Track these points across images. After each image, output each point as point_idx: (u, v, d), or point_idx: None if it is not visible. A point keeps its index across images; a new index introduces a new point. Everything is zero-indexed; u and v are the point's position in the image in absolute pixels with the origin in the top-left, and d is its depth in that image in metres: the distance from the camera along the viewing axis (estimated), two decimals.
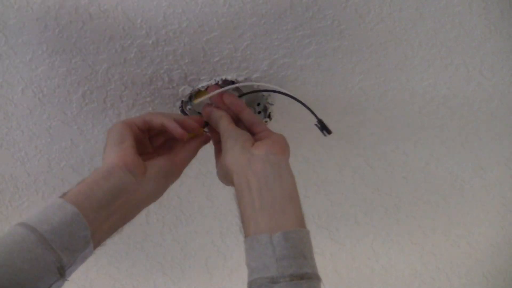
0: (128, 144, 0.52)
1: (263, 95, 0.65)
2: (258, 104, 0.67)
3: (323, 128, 0.59)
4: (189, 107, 0.65)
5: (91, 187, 0.48)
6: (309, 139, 0.74)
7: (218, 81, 0.62)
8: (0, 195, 0.74)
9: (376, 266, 0.98)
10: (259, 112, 0.67)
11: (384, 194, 0.84)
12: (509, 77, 0.67)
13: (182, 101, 0.65)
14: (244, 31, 0.58)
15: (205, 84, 0.63)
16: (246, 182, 0.50)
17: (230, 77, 0.63)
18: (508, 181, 0.84)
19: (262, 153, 0.52)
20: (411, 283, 1.02)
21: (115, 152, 0.51)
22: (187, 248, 0.88)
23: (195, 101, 0.65)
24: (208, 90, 0.62)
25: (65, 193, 0.48)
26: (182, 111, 0.66)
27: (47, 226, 0.44)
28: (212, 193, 0.80)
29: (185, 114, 0.67)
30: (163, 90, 0.64)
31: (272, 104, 0.67)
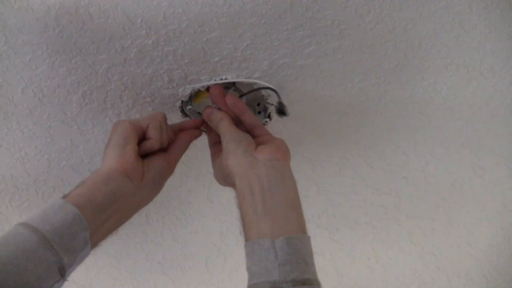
0: (130, 148, 0.53)
1: (263, 95, 0.65)
2: (258, 104, 0.67)
3: (280, 112, 0.59)
4: (189, 107, 0.66)
5: (92, 190, 0.49)
6: (309, 139, 0.74)
7: (218, 81, 0.62)
8: (0, 195, 0.74)
9: (376, 266, 0.98)
10: (259, 112, 0.67)
11: (384, 194, 0.84)
12: (509, 77, 0.67)
13: (182, 101, 0.65)
14: (244, 31, 0.58)
15: (205, 84, 0.63)
16: (249, 186, 0.50)
17: (230, 77, 0.63)
18: (508, 181, 0.84)
19: (266, 158, 0.52)
20: (411, 283, 1.02)
21: (117, 156, 0.52)
22: (187, 248, 0.88)
23: (195, 101, 0.65)
24: (211, 91, 0.62)
25: (66, 195, 0.48)
26: (182, 111, 0.66)
27: (49, 227, 0.44)
28: (212, 193, 0.80)
29: (185, 114, 0.67)
30: (163, 90, 0.64)
31: (272, 104, 0.67)
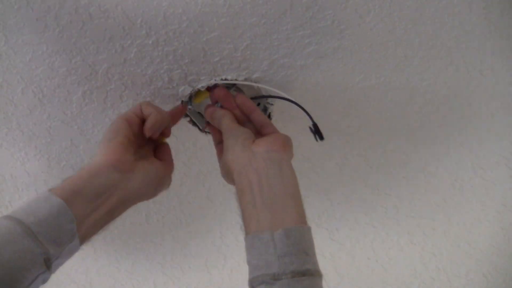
0: (118, 140, 0.52)
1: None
2: (258, 104, 0.67)
3: (316, 133, 0.59)
4: (189, 107, 0.66)
5: (77, 183, 0.48)
6: (309, 139, 0.74)
7: (218, 82, 0.62)
8: (0, 195, 0.74)
9: (376, 266, 0.98)
10: None
11: (384, 194, 0.84)
12: (509, 77, 0.67)
13: (182, 101, 0.65)
14: (244, 31, 0.58)
15: (205, 84, 0.63)
16: (247, 180, 0.50)
17: (230, 77, 0.63)
18: (508, 181, 0.84)
19: (263, 150, 0.52)
20: (411, 283, 1.02)
21: (104, 150, 0.51)
22: (187, 248, 0.88)
23: (195, 101, 0.65)
24: (215, 92, 0.62)
25: (51, 188, 0.47)
26: None
27: (33, 218, 0.43)
28: (212, 193, 0.80)
29: (185, 114, 0.67)
30: (163, 90, 0.64)
31: (272, 104, 0.67)
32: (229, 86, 0.64)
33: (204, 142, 0.72)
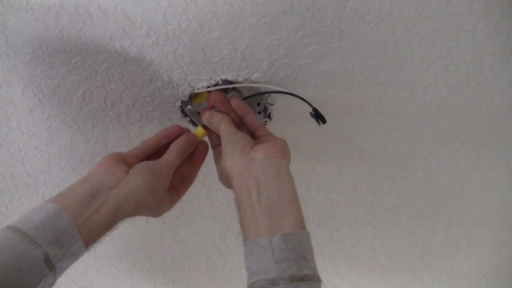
0: (107, 156, 0.55)
1: (263, 95, 0.65)
2: (258, 104, 0.67)
3: (318, 117, 0.59)
4: (189, 107, 0.66)
5: (70, 189, 0.50)
6: (309, 139, 0.74)
7: (218, 81, 0.62)
8: (0, 195, 0.74)
9: (376, 266, 0.98)
10: (259, 112, 0.68)
11: (384, 194, 0.84)
12: (509, 77, 0.67)
13: (182, 101, 0.65)
14: (244, 31, 0.58)
15: (205, 84, 0.63)
16: (246, 187, 0.51)
17: (230, 77, 0.63)
18: (508, 181, 0.84)
19: (261, 157, 0.52)
20: (411, 283, 1.02)
21: (97, 164, 0.55)
22: (187, 248, 0.88)
23: (195, 101, 0.65)
24: (211, 97, 0.62)
25: (47, 199, 0.49)
26: (182, 111, 0.66)
27: (30, 224, 0.45)
28: (212, 193, 0.80)
29: (185, 114, 0.67)
30: (163, 90, 0.64)
31: (272, 104, 0.67)
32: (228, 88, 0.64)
33: None
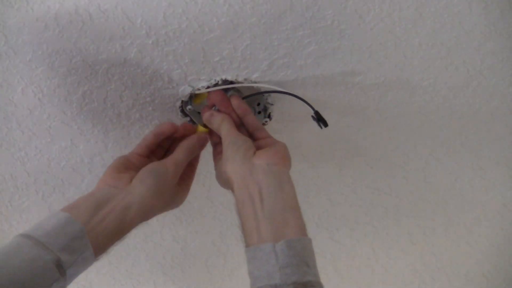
0: (108, 169, 0.56)
1: (263, 95, 0.65)
2: (258, 104, 0.67)
3: (319, 120, 0.59)
4: (189, 107, 0.66)
5: (76, 202, 0.52)
6: (309, 139, 0.74)
7: (218, 81, 0.62)
8: (0, 195, 0.74)
9: (376, 266, 0.98)
10: (259, 112, 0.68)
11: (384, 194, 0.84)
12: (509, 77, 0.67)
13: (182, 101, 0.65)
14: (244, 31, 0.58)
15: (205, 84, 0.63)
16: (248, 193, 0.51)
17: (230, 77, 0.63)
18: (508, 181, 0.84)
19: (264, 163, 0.52)
20: (411, 283, 1.02)
21: (99, 179, 0.56)
22: (187, 248, 0.88)
23: (195, 101, 0.65)
24: (211, 97, 0.62)
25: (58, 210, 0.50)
26: (182, 111, 0.66)
27: (41, 231, 0.46)
28: (212, 193, 0.80)
29: (185, 114, 0.67)
30: (163, 90, 0.64)
31: (272, 104, 0.67)
32: (228, 88, 0.64)
33: None
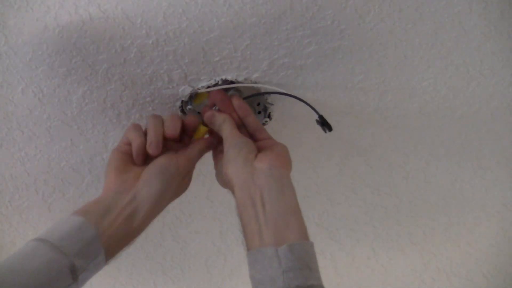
0: (112, 168, 0.56)
1: (263, 95, 0.65)
2: (258, 104, 0.67)
3: (324, 124, 0.59)
4: (189, 107, 0.66)
5: (87, 207, 0.52)
6: (309, 139, 0.74)
7: (218, 81, 0.62)
8: (0, 195, 0.74)
9: (376, 266, 0.98)
10: (259, 112, 0.68)
11: (384, 194, 0.84)
12: (509, 77, 0.67)
13: (182, 101, 0.65)
14: (244, 31, 0.58)
15: (205, 84, 0.63)
16: (249, 197, 0.51)
17: (230, 77, 0.63)
18: (508, 181, 0.84)
19: (265, 167, 0.52)
20: (411, 283, 1.02)
21: (105, 182, 0.56)
22: (187, 248, 0.88)
23: (195, 101, 0.65)
24: (212, 96, 0.62)
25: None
26: (182, 111, 0.66)
27: (57, 236, 0.46)
28: (212, 193, 0.80)
29: (185, 114, 0.67)
30: (163, 90, 0.64)
31: (272, 104, 0.67)
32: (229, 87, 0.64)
33: None
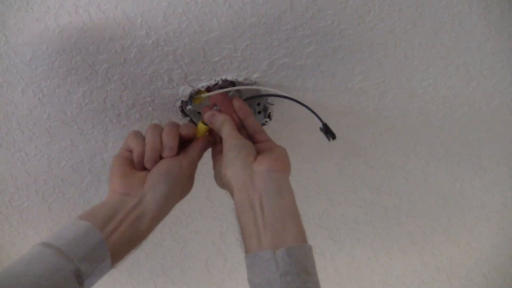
0: (116, 172, 0.56)
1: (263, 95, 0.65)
2: (258, 104, 0.67)
3: (328, 132, 0.59)
4: (189, 107, 0.66)
5: (93, 211, 0.52)
6: (309, 139, 0.74)
7: (218, 81, 0.62)
8: (0, 195, 0.74)
9: (376, 266, 0.98)
10: (259, 112, 0.68)
11: (384, 194, 0.84)
12: (509, 77, 0.67)
13: (182, 101, 0.65)
14: (244, 31, 0.58)
15: (205, 84, 0.63)
16: (248, 200, 0.51)
17: (230, 77, 0.63)
18: (508, 181, 0.84)
19: (264, 170, 0.52)
20: (411, 283, 1.02)
21: (109, 186, 0.56)
22: (187, 248, 0.88)
23: (195, 101, 0.65)
24: (213, 96, 0.62)
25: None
26: (182, 111, 0.66)
27: (63, 240, 0.46)
28: (212, 193, 0.80)
29: (185, 114, 0.67)
30: (163, 90, 0.64)
31: (272, 104, 0.67)
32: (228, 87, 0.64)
33: None
